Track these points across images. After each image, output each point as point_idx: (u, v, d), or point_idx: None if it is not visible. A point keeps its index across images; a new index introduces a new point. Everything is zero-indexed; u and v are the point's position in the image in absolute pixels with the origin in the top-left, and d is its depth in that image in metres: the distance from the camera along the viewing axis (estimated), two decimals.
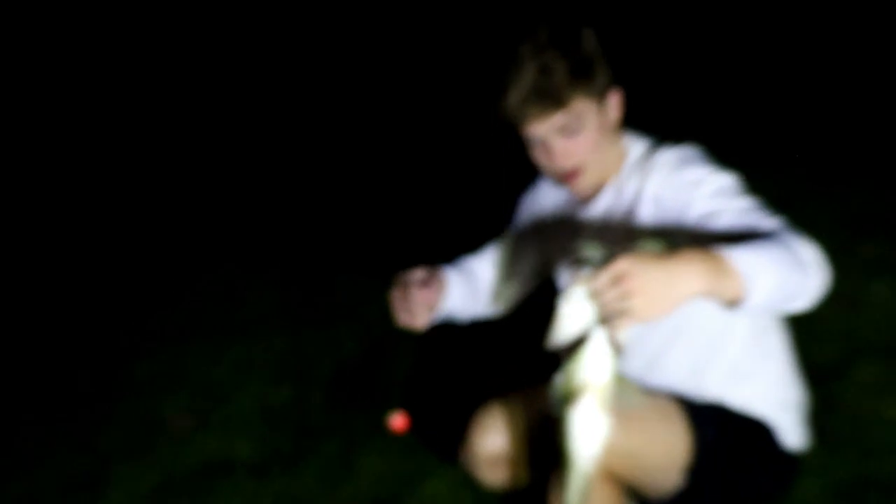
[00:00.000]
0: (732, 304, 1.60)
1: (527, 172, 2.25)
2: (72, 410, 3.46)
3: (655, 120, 2.33)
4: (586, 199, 2.12)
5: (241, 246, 4.82)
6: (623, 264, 1.49)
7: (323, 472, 2.88)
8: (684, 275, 1.53)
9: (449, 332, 3.24)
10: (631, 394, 1.64)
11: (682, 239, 1.91)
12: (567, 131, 1.96)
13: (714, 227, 1.81)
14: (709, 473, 1.95)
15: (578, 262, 1.75)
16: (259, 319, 3.96)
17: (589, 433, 1.52)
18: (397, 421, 2.32)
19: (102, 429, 3.32)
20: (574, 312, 1.50)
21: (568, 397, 1.51)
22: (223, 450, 3.09)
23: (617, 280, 1.48)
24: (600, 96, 1.99)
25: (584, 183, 2.05)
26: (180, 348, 3.80)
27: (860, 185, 4.14)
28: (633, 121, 2.07)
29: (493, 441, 2.17)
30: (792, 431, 2.11)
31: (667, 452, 1.89)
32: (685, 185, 1.93)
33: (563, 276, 2.19)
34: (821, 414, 2.47)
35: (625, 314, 1.48)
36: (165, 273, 4.62)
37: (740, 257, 1.59)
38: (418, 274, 2.03)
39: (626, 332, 1.52)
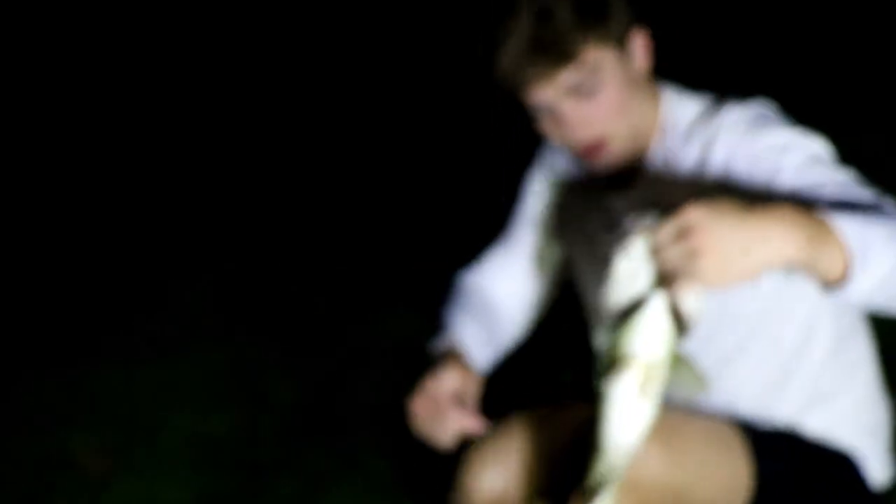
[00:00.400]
0: (830, 285, 1.45)
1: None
2: None
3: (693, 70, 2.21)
4: (618, 177, 1.91)
5: (167, 240, 4.61)
6: (694, 213, 1.37)
7: None
8: (772, 234, 1.39)
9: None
10: (691, 382, 1.45)
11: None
12: (581, 92, 1.76)
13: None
14: None
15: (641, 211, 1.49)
16: (192, 331, 3.73)
17: (628, 417, 1.41)
18: None
19: None
20: (633, 269, 1.41)
21: (610, 368, 1.41)
22: (149, 496, 2.88)
23: (684, 233, 1.36)
24: (620, 41, 1.78)
25: (613, 157, 1.84)
26: (90, 367, 3.54)
27: None
28: (665, 72, 1.86)
29: (492, 480, 1.95)
30: (879, 461, 1.96)
31: (719, 491, 1.74)
32: (768, 150, 1.74)
33: (590, 274, 2.03)
34: None
35: (689, 276, 1.36)
36: (71, 274, 4.35)
37: (850, 226, 1.44)
38: (449, 382, 1.80)
39: (697, 300, 1.40)
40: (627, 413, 1.40)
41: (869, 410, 1.95)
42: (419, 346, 3.17)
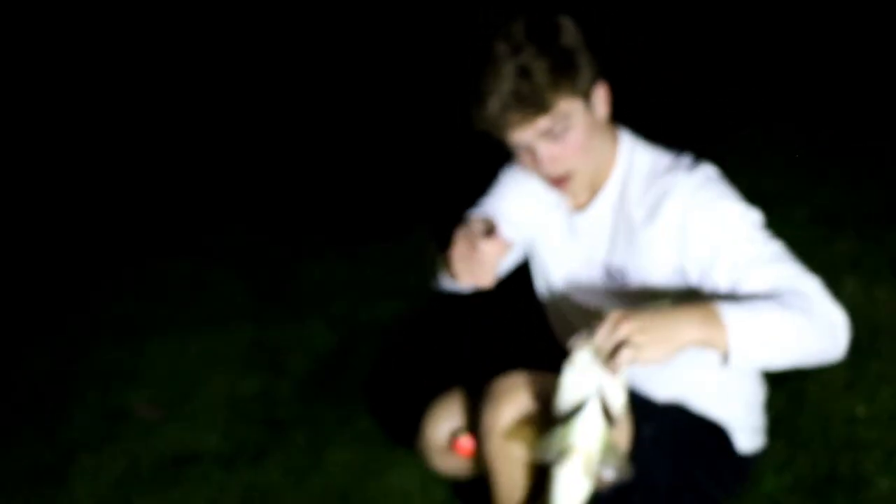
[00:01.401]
0: (724, 357, 1.66)
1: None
2: (33, 401, 3.43)
3: (630, 115, 2.29)
4: (579, 205, 2.07)
5: (204, 235, 4.76)
6: (618, 313, 1.57)
7: (290, 464, 2.88)
8: (681, 321, 1.61)
9: (417, 324, 3.46)
10: (615, 460, 1.62)
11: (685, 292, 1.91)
12: (553, 135, 1.87)
13: (747, 277, 1.79)
14: (646, 470, 1.90)
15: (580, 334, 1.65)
16: (225, 310, 3.93)
17: (570, 492, 1.60)
18: (465, 444, 2.23)
19: (66, 419, 3.28)
20: (576, 380, 1.57)
21: (558, 455, 1.58)
22: (190, 441, 3.07)
23: (615, 325, 1.56)
24: (586, 93, 1.89)
25: (576, 187, 1.98)
26: (145, 339, 3.74)
27: (836, 182, 4.13)
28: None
29: (443, 431, 2.18)
30: (748, 433, 2.13)
31: None
32: (717, 224, 1.86)
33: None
34: (788, 411, 2.65)
35: (630, 351, 1.54)
36: (127, 261, 4.56)
37: (735, 314, 1.64)
38: (476, 225, 1.82)
39: (621, 400, 1.59)
40: (571, 489, 1.59)
41: (747, 388, 2.11)
42: (406, 327, 3.43)
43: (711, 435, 2.08)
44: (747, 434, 2.12)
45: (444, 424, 2.18)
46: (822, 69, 5.46)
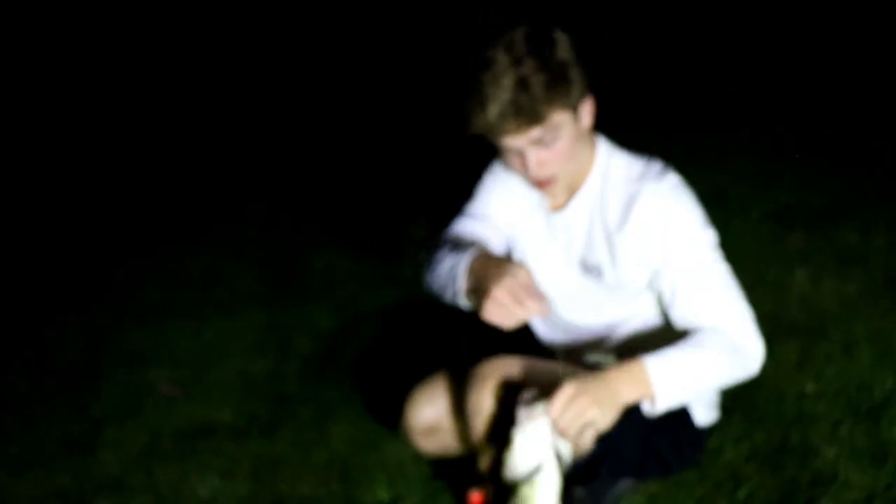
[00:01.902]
0: (652, 405, 1.83)
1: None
2: (64, 380, 3.49)
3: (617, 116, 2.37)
4: (558, 205, 2.13)
5: (219, 230, 4.87)
6: (570, 388, 1.68)
7: (297, 437, 2.95)
8: (619, 386, 1.77)
9: (415, 311, 3.49)
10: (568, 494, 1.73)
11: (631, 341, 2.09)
12: (542, 142, 1.91)
13: (687, 292, 1.94)
14: (614, 443, 1.96)
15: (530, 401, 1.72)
16: (238, 297, 3.99)
17: None
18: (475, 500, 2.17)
19: (94, 395, 3.36)
20: (529, 446, 1.67)
21: None
22: (206, 415, 3.13)
23: (570, 400, 1.67)
24: (575, 107, 1.93)
25: (557, 189, 2.04)
26: (165, 324, 3.81)
27: (789, 184, 4.27)
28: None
29: (424, 414, 2.24)
30: (704, 408, 2.23)
31: None
32: (675, 234, 1.96)
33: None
34: (745, 389, 2.56)
35: (588, 426, 1.67)
36: (149, 254, 4.63)
37: (658, 371, 1.80)
38: (523, 276, 1.78)
39: (570, 453, 1.71)
40: None
41: None
42: (404, 312, 3.51)
43: (674, 409, 2.10)
44: (705, 409, 2.22)
45: (424, 409, 2.24)
46: (784, 80, 5.59)
